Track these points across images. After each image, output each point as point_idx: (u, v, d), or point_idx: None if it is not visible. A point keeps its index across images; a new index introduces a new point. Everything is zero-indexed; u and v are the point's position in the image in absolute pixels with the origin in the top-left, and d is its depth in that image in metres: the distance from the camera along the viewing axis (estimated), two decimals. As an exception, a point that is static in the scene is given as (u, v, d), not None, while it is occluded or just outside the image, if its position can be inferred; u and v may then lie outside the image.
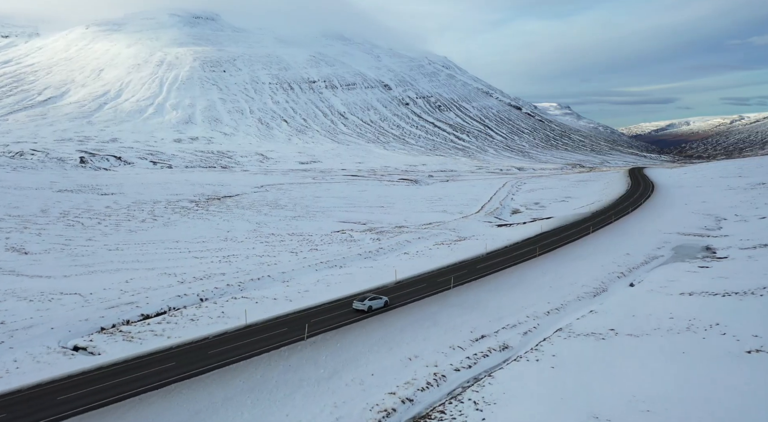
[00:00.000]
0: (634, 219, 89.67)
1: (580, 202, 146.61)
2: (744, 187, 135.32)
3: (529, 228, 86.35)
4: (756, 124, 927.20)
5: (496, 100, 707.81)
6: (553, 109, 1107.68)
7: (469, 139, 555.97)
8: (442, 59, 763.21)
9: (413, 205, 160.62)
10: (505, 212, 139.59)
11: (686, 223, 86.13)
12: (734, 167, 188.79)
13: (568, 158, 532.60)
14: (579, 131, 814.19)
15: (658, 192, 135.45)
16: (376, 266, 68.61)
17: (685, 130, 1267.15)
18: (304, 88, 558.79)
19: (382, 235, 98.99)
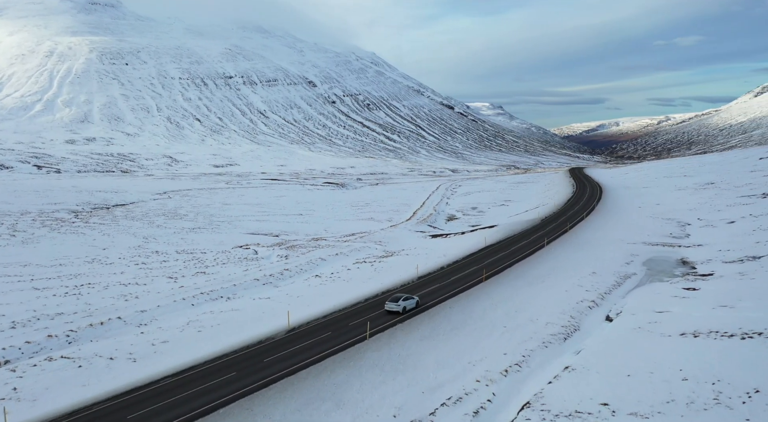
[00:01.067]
0: (591, 226, 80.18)
1: (522, 205, 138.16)
2: (693, 187, 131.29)
3: (471, 240, 74.84)
4: (682, 124, 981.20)
5: (428, 99, 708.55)
6: (486, 109, 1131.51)
7: (401, 139, 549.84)
8: (371, 55, 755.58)
9: (337, 211, 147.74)
10: (440, 219, 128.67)
11: (649, 230, 77.37)
12: (677, 166, 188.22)
13: (503, 159, 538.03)
14: (512, 132, 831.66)
15: (607, 194, 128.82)
16: (276, 297, 54.46)
17: (615, 131, 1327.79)
18: (220, 84, 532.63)
19: (293, 251, 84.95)
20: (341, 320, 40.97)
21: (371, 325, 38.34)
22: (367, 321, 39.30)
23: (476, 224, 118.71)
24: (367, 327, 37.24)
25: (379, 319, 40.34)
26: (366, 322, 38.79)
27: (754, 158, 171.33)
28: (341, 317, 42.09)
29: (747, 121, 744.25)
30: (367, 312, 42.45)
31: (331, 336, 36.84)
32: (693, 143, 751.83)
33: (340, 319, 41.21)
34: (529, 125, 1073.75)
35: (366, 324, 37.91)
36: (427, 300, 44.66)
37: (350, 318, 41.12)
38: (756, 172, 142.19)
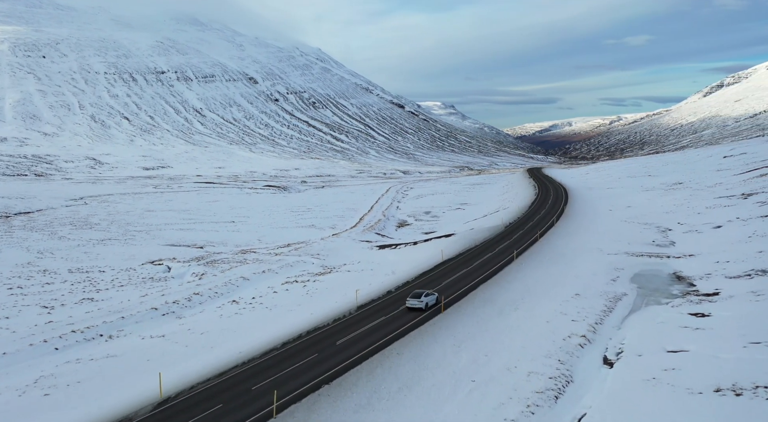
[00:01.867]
0: (562, 232, 71.94)
1: (480, 209, 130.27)
2: (661, 187, 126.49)
3: (424, 252, 65.27)
4: (633, 125, 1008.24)
5: (377, 98, 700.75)
6: (438, 109, 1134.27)
7: (349, 139, 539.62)
8: (316, 51, 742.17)
9: (275, 218, 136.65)
10: (390, 225, 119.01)
11: (628, 237, 69.73)
12: (639, 166, 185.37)
13: (456, 160, 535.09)
14: (465, 132, 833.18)
15: (572, 196, 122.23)
16: (173, 333, 43.38)
17: (568, 131, 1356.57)
18: (151, 80, 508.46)
19: (213, 267, 73.65)
20: (243, 381, 30.14)
21: (283, 391, 27.75)
22: (276, 386, 28.53)
23: (430, 231, 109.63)
24: (274, 396, 26.54)
25: (296, 377, 29.78)
26: (274, 388, 28.06)
27: (718, 157, 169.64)
28: (246, 374, 31.28)
29: (697, 121, 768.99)
30: (283, 366, 31.84)
31: (220, 412, 26.02)
32: (645, 143, 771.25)
33: (242, 379, 30.39)
34: (482, 125, 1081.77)
35: (274, 392, 27.17)
36: (370, 342, 34.41)
37: (257, 376, 30.34)
38: (723, 170, 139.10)
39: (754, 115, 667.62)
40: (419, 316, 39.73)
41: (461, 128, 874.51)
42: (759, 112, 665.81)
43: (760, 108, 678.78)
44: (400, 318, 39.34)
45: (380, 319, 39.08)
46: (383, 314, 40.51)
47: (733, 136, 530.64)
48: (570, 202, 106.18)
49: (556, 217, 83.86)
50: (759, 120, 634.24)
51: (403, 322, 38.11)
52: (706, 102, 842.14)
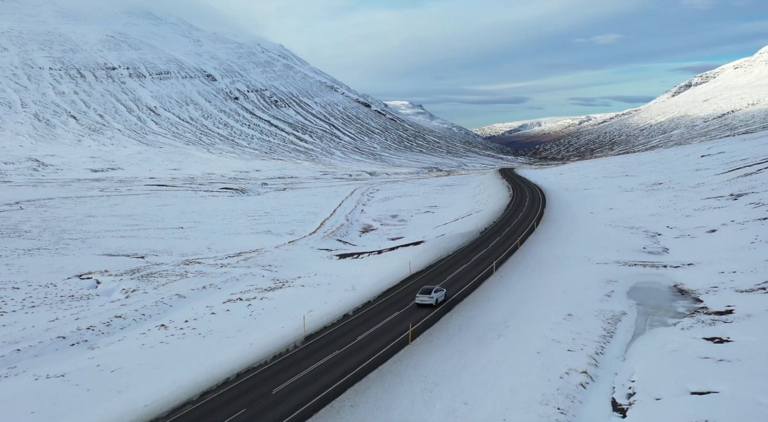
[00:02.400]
0: (544, 239, 66.13)
1: (451, 213, 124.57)
2: (640, 188, 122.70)
3: (390, 263, 58.70)
4: (603, 125, 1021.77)
5: (342, 96, 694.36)
6: (405, 108, 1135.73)
7: (313, 140, 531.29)
8: (278, 47, 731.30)
9: (229, 223, 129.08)
10: (353, 231, 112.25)
11: (616, 243, 64.36)
12: (614, 166, 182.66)
13: (424, 161, 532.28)
14: (433, 132, 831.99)
15: (549, 197, 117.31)
16: (75, 373, 35.92)
17: (538, 131, 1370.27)
18: (101, 76, 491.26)
19: (148, 282, 66.09)
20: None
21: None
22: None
23: (398, 237, 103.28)
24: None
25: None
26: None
27: (696, 156, 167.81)
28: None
29: (666, 120, 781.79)
30: (208, 419, 24.71)
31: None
32: (615, 143, 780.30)
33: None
34: (451, 125, 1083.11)
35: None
36: (311, 392, 27.46)
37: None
38: (702, 170, 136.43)
39: (722, 115, 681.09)
40: (386, 347, 32.95)
41: (429, 128, 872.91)
42: (727, 112, 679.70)
43: (728, 108, 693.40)
44: (357, 353, 32.46)
45: (332, 355, 32.12)
46: (337, 346, 33.58)
47: (702, 136, 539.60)
48: (548, 205, 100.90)
49: (536, 221, 78.20)
50: (727, 120, 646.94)
51: (360, 358, 31.23)
52: (674, 102, 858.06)
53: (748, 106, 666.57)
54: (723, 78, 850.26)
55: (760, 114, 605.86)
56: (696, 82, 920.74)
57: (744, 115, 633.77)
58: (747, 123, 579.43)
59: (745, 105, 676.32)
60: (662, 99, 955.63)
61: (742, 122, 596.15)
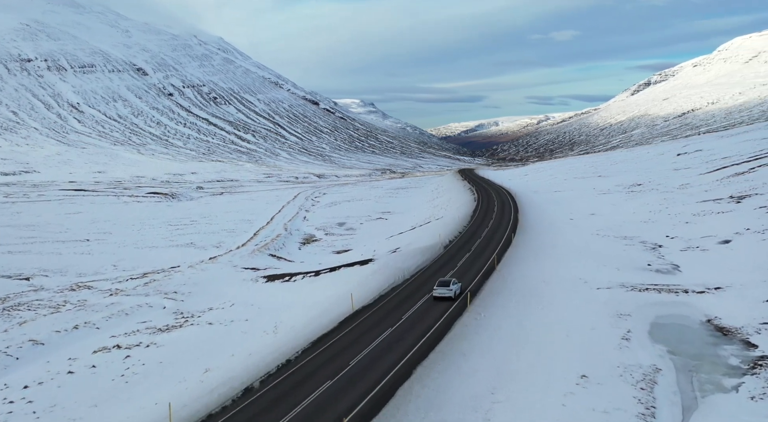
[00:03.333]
0: (525, 254, 55.32)
1: (407, 219, 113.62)
2: (618, 189, 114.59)
3: (328, 292, 46.84)
4: (562, 124, 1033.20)
5: (288, 93, 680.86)
6: (356, 106, 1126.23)
7: (256, 139, 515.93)
8: (217, 40, 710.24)
9: (145, 234, 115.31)
10: (292, 242, 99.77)
11: (613, 259, 54.23)
12: (584, 165, 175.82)
13: (377, 162, 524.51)
14: (386, 131, 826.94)
15: (520, 201, 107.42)
16: None
17: (495, 131, 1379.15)
18: (14, 69, 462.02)
19: (7, 319, 52.69)
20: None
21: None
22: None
23: (344, 249, 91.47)
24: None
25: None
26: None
27: (671, 155, 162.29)
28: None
29: (626, 120, 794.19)
30: None
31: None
32: (575, 143, 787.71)
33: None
34: (404, 124, 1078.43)
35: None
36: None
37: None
38: (682, 169, 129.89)
39: (682, 114, 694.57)
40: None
41: (382, 128, 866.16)
42: (687, 111, 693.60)
43: (688, 107, 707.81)
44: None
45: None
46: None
47: (663, 136, 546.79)
48: (521, 210, 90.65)
49: (512, 231, 67.51)
50: (687, 119, 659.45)
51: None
52: (634, 100, 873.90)
53: (708, 105, 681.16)
54: (682, 76, 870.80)
55: (720, 113, 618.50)
56: (655, 81, 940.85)
57: (704, 114, 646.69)
58: (707, 122, 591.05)
59: (705, 104, 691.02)
60: (621, 97, 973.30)
61: (702, 121, 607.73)
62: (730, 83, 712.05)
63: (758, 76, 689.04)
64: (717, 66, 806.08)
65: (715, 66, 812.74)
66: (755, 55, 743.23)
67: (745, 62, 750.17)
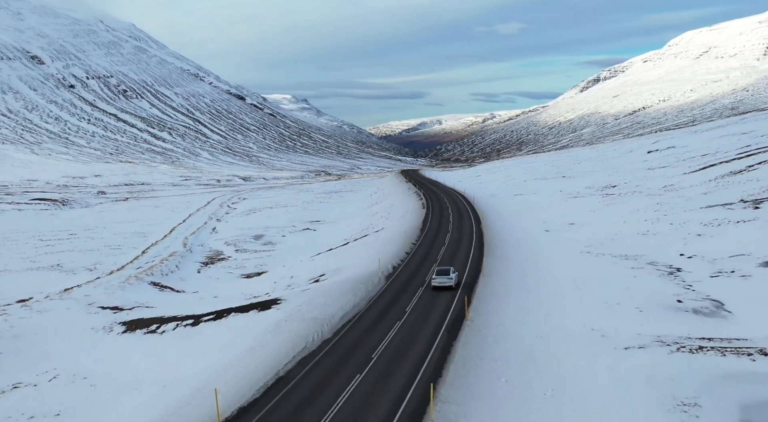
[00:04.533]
0: (502, 288, 40.86)
1: (340, 230, 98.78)
2: (591, 192, 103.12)
3: (198, 359, 31.39)
4: (509, 122, 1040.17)
5: (210, 87, 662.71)
6: (288, 103, 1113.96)
7: (173, 138, 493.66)
8: (128, 26, 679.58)
9: (2, 252, 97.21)
10: (189, 263, 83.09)
11: (628, 293, 40.66)
12: (545, 165, 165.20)
13: (311, 163, 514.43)
14: (321, 130, 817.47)
15: (479, 208, 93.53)
16: None
17: (438, 130, 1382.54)
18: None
19: None
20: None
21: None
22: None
23: (256, 272, 75.85)
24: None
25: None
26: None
27: (640, 152, 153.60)
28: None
29: (576, 118, 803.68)
30: None
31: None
32: (523, 143, 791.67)
33: None
34: (341, 123, 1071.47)
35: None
36: None
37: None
38: (657, 168, 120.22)
39: (633, 112, 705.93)
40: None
41: (317, 126, 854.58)
42: (638, 109, 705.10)
43: (639, 104, 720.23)
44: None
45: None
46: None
47: (614, 135, 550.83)
48: (482, 219, 76.69)
49: (478, 250, 53.14)
50: (639, 117, 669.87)
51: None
52: (583, 97, 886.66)
53: (659, 103, 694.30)
54: (632, 72, 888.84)
55: (672, 111, 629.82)
56: (605, 77, 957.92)
57: (656, 112, 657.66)
58: (659, 120, 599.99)
59: (656, 101, 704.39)
60: (570, 94, 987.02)
61: (654, 120, 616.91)
62: (681, 80, 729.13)
63: (709, 73, 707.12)
64: (668, 62, 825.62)
65: (665, 61, 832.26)
66: (706, 51, 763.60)
67: (696, 58, 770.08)
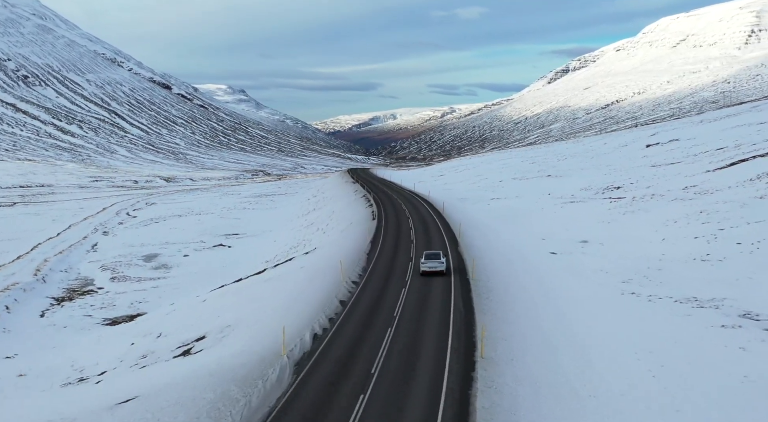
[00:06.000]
0: (522, 394, 23.66)
1: (261, 247, 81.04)
2: (588, 195, 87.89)
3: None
4: (470, 117, 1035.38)
5: (130, 73, 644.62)
6: (223, 94, 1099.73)
7: (85, 132, 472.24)
8: (30, 2, 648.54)
9: None
10: (35, 298, 63.76)
11: (748, 387, 23.68)
12: (522, 162, 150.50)
13: (248, 162, 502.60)
14: (260, 124, 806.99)
15: (448, 217, 75.92)
16: None
17: (393, 125, 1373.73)
18: None
19: None
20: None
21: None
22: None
23: (129, 313, 57.32)
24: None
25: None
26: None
27: (637, 146, 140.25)
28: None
29: (544, 112, 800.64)
30: None
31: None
32: (486, 139, 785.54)
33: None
34: (284, 117, 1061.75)
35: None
36: None
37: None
38: (664, 166, 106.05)
39: (606, 105, 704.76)
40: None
41: (255, 120, 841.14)
42: (611, 102, 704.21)
43: (612, 97, 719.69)
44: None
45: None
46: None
47: (585, 130, 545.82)
48: (457, 233, 59.02)
49: (462, 296, 35.01)
50: (612, 111, 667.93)
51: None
52: (552, 90, 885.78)
53: (634, 96, 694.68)
54: (604, 62, 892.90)
55: (648, 104, 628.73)
56: (574, 67, 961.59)
57: (630, 105, 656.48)
58: (634, 115, 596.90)
59: (631, 94, 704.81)
60: (537, 86, 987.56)
61: (628, 114, 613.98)
62: (658, 70, 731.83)
63: (687, 63, 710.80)
64: (642, 50, 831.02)
65: (640, 50, 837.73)
66: (683, 39, 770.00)
67: (673, 46, 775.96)
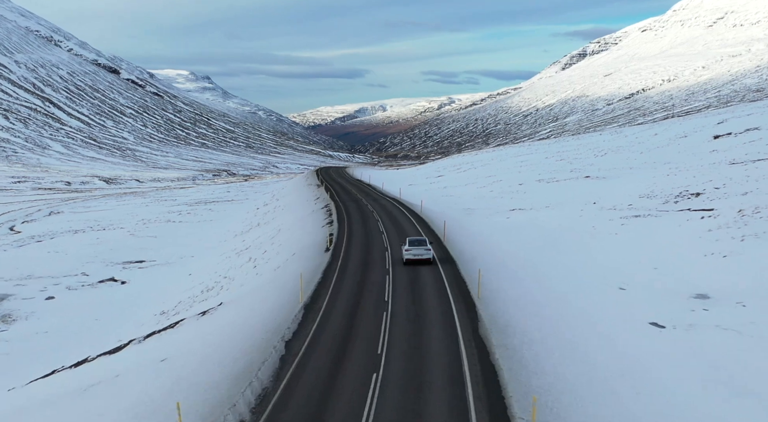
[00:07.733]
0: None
1: (167, 287, 60.55)
2: (658, 206, 68.95)
3: None
4: (472, 108, 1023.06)
5: (70, 55, 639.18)
6: (185, 81, 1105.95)
7: (11, 123, 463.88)
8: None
9: None
10: None
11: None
12: (546, 158, 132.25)
13: (210, 160, 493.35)
14: (227, 116, 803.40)
15: (451, 245, 54.67)
16: None
17: (382, 118, 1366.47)
18: None
19: None
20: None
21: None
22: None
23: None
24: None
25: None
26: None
27: (699, 137, 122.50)
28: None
29: (557, 103, 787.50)
30: None
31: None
32: (491, 134, 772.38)
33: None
34: (255, 107, 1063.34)
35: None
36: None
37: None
38: (747, 163, 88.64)
39: (630, 95, 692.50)
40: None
41: (221, 111, 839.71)
42: (637, 91, 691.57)
43: (637, 85, 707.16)
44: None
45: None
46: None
47: (607, 124, 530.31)
48: (475, 294, 38.31)
49: None
50: (638, 102, 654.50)
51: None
52: (566, 77, 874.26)
53: (663, 83, 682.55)
54: (628, 44, 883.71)
55: (680, 93, 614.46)
56: (592, 51, 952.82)
57: (659, 95, 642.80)
58: (665, 105, 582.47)
59: (659, 81, 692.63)
60: (549, 73, 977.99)
61: (657, 104, 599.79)
62: (691, 54, 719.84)
63: (726, 45, 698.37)
64: (672, 31, 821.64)
65: (670, 31, 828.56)
66: (721, 17, 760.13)
67: (709, 26, 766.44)
